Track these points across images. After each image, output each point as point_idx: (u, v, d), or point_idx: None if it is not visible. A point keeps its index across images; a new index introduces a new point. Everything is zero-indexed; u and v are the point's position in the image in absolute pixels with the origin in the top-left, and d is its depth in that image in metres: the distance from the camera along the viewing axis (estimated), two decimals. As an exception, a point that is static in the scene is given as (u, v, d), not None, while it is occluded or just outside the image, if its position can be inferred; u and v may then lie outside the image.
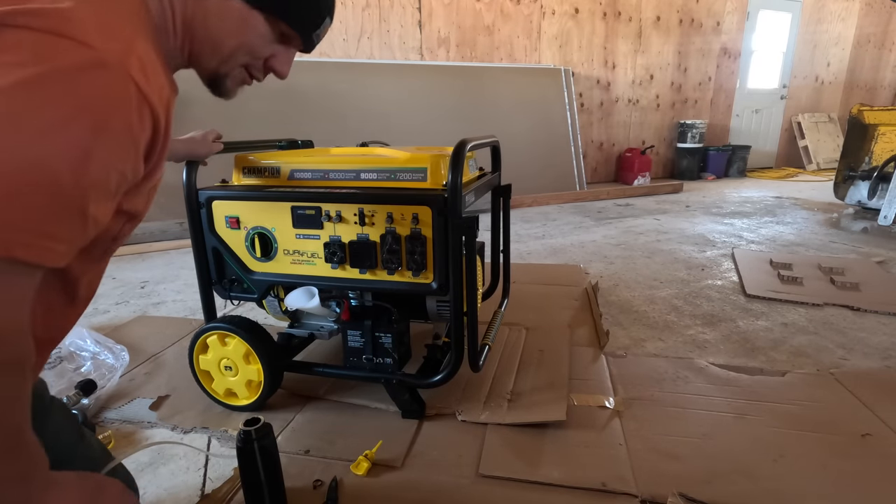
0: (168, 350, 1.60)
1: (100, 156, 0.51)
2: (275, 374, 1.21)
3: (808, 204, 4.01)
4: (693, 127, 5.35)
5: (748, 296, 2.00)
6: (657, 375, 1.40)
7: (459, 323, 1.10)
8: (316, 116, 3.69)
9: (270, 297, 1.26)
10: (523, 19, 4.59)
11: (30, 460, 0.57)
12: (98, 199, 0.54)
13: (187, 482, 1.02)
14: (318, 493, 0.97)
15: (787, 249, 2.70)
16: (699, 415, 1.22)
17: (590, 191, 4.39)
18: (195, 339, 1.22)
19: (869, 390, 1.31)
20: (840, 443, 1.11)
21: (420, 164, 1.08)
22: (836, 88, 6.40)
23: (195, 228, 1.18)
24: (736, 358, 1.52)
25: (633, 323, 1.78)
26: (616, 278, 2.25)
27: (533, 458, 1.06)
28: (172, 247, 2.92)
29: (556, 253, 2.69)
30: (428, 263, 1.07)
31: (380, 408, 1.24)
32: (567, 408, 1.21)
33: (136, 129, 0.55)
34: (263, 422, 0.88)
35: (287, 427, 1.18)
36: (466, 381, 1.32)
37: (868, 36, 6.28)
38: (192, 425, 1.21)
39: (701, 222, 3.39)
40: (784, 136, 6.33)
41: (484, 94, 4.28)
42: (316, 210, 1.09)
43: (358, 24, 4.09)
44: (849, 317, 1.80)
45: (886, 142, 3.18)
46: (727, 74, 5.70)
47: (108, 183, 0.54)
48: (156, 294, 2.16)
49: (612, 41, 4.99)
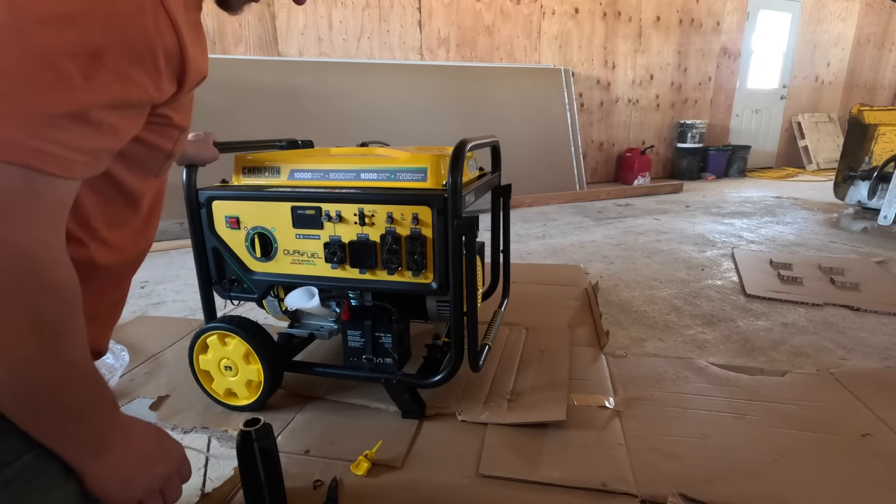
0: (168, 350, 1.60)
1: (111, 59, 0.48)
2: (275, 374, 1.20)
3: (808, 204, 4.01)
4: (693, 127, 5.36)
5: (748, 296, 2.00)
6: (657, 375, 1.40)
7: (459, 323, 1.10)
8: (316, 116, 3.69)
9: (270, 297, 1.26)
10: (523, 19, 4.59)
11: (89, 394, 0.56)
12: (113, 106, 0.51)
13: (187, 482, 1.02)
14: (318, 493, 0.97)
15: (787, 249, 2.70)
16: (699, 415, 1.22)
17: (590, 191, 4.39)
18: (195, 339, 1.22)
19: (869, 390, 1.31)
20: (840, 443, 1.11)
21: (420, 164, 1.08)
22: (836, 88, 6.40)
23: (195, 228, 1.18)
24: (736, 358, 1.52)
25: (633, 323, 1.78)
26: (616, 278, 2.25)
27: (533, 458, 1.06)
28: (172, 247, 2.92)
29: (556, 253, 2.69)
30: (428, 263, 1.07)
31: (380, 408, 1.24)
32: (567, 408, 1.21)
33: (153, 35, 0.52)
34: (263, 422, 0.88)
35: (287, 427, 1.18)
36: (466, 381, 1.32)
37: (868, 36, 6.29)
38: (192, 425, 1.21)
39: (701, 222, 3.39)
40: (784, 136, 6.33)
41: (484, 94, 4.28)
42: (316, 210, 1.09)
43: (358, 24, 4.10)
44: (849, 317, 1.80)
45: (886, 142, 3.18)
46: (727, 74, 5.70)
47: (125, 92, 0.51)
48: (156, 294, 2.16)
49: (612, 41, 4.99)
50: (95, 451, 0.59)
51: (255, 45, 3.85)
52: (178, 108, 0.64)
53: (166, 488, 0.67)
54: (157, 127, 0.63)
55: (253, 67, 3.64)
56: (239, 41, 3.81)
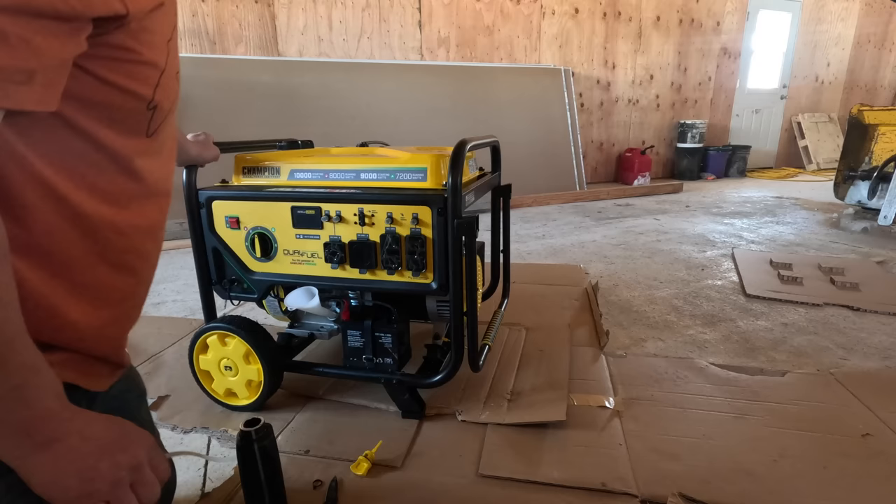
0: (168, 350, 1.60)
1: None
2: (275, 374, 1.21)
3: (808, 204, 4.01)
4: (693, 127, 5.35)
5: (748, 296, 2.00)
6: (657, 375, 1.40)
7: (459, 323, 1.10)
8: (316, 116, 3.69)
9: (270, 297, 1.26)
10: (523, 19, 4.59)
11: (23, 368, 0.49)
12: (12, 10, 0.44)
13: (187, 482, 1.02)
14: (318, 493, 0.97)
15: (787, 249, 2.70)
16: (699, 415, 1.22)
17: (590, 191, 4.39)
18: (195, 339, 1.22)
19: (869, 390, 1.31)
20: (840, 443, 1.11)
21: (420, 164, 1.08)
22: (836, 88, 6.40)
23: (195, 228, 1.18)
24: (736, 358, 1.52)
25: (633, 323, 1.78)
26: (616, 278, 2.25)
27: (533, 458, 1.06)
28: (172, 247, 2.92)
29: (556, 253, 2.69)
30: (428, 263, 1.07)
31: (380, 408, 1.24)
32: (567, 408, 1.21)
33: None
34: (263, 422, 0.87)
35: (287, 427, 1.18)
36: (466, 381, 1.32)
37: (868, 36, 6.28)
38: (192, 425, 1.21)
39: (701, 222, 3.39)
40: (784, 136, 6.33)
41: (484, 95, 4.28)
42: (316, 210, 1.09)
43: (358, 24, 4.10)
44: (849, 317, 1.80)
45: (886, 142, 3.18)
46: (727, 74, 5.70)
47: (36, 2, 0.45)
48: (156, 294, 2.16)
49: (612, 41, 4.99)
50: (41, 444, 0.50)
51: (255, 45, 3.86)
52: (142, 39, 0.56)
53: (137, 481, 0.57)
54: (122, 64, 0.56)
55: (253, 67, 3.64)
56: (239, 41, 3.81)
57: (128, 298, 0.70)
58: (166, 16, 0.60)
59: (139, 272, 0.70)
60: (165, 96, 0.63)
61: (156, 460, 0.60)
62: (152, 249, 0.72)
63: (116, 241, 0.64)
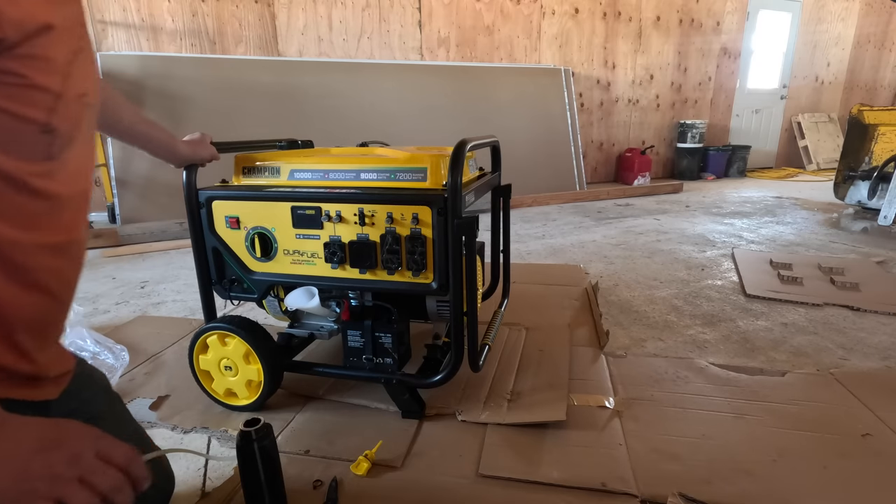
0: (168, 350, 1.60)
1: None
2: (275, 374, 1.21)
3: (808, 204, 4.01)
4: (693, 127, 5.35)
5: (748, 296, 2.00)
6: (657, 375, 1.40)
7: (459, 323, 1.10)
8: (316, 116, 3.69)
9: (270, 297, 1.26)
10: (523, 19, 4.59)
11: None
12: None
13: (187, 482, 1.02)
14: (318, 493, 0.97)
15: (787, 249, 2.70)
16: (699, 415, 1.22)
17: (590, 191, 4.40)
18: (195, 339, 1.22)
19: (869, 390, 1.31)
20: (840, 443, 1.11)
21: (420, 164, 1.08)
22: (836, 88, 6.40)
23: (195, 228, 1.18)
24: (736, 358, 1.52)
25: (633, 323, 1.78)
26: (616, 278, 2.25)
27: (533, 458, 1.06)
28: (172, 247, 2.92)
29: (556, 253, 2.69)
30: (428, 263, 1.07)
31: (380, 408, 1.24)
32: (567, 408, 1.21)
33: None
34: (263, 422, 0.88)
35: (287, 427, 1.18)
36: (466, 381, 1.32)
37: (868, 36, 6.29)
38: (192, 425, 1.21)
39: (701, 222, 3.39)
40: (784, 136, 6.33)
41: (484, 94, 4.28)
42: (316, 210, 1.09)
43: (358, 24, 4.10)
44: (849, 317, 1.80)
45: (886, 142, 3.18)
46: (727, 74, 5.70)
47: None
48: (156, 294, 2.16)
49: (612, 41, 4.99)
50: None
51: (255, 45, 3.86)
52: (29, 64, 0.54)
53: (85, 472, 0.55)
54: (6, 88, 0.53)
55: (253, 67, 3.64)
56: (239, 41, 3.81)
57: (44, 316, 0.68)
58: (60, 39, 0.57)
59: (53, 291, 0.68)
60: (66, 120, 0.60)
61: (106, 449, 0.59)
62: (67, 267, 0.70)
63: (24, 261, 0.62)
